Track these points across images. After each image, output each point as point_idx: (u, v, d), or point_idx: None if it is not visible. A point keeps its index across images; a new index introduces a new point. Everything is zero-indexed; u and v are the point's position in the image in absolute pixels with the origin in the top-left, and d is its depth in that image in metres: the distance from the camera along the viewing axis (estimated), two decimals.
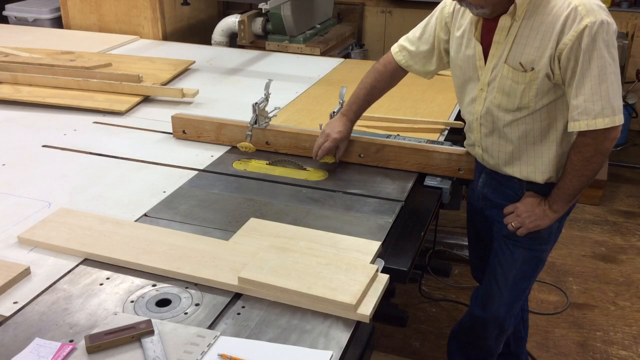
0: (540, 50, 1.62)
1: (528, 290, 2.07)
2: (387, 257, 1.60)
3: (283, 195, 1.93)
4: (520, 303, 2.04)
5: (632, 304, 3.01)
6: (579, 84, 1.59)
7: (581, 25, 1.54)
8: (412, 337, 2.77)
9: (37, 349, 1.25)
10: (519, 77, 1.67)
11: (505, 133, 1.78)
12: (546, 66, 1.62)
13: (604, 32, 1.55)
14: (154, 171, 2.10)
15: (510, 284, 1.98)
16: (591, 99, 1.58)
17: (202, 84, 2.95)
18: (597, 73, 1.56)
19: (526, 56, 1.65)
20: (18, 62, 2.97)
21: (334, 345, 1.29)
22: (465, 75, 1.84)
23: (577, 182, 1.71)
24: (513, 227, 1.84)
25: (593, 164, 1.67)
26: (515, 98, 1.70)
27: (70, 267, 1.54)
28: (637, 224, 3.70)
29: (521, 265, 1.94)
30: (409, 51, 2.00)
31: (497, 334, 2.07)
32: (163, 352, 1.24)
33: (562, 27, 1.57)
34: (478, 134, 1.86)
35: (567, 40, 1.56)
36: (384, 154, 2.09)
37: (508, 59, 1.68)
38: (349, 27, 4.60)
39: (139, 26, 3.91)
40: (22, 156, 2.21)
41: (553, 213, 1.79)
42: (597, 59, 1.55)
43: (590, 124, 1.59)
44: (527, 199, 1.82)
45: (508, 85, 1.70)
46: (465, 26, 1.79)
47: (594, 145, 1.64)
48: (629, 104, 4.29)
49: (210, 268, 1.49)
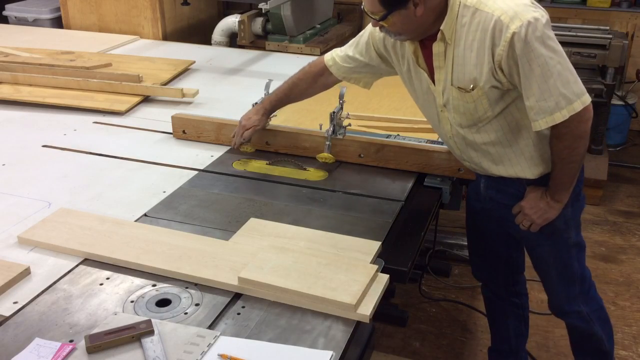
0: (479, 67, 1.61)
1: (580, 275, 2.00)
2: (387, 257, 1.60)
3: (283, 195, 1.93)
4: (577, 288, 2.00)
5: (632, 304, 3.01)
6: (526, 87, 1.58)
7: (508, 34, 1.53)
8: (412, 337, 2.77)
9: (37, 349, 1.25)
10: (466, 96, 1.67)
11: (479, 145, 1.78)
12: (489, 79, 1.62)
13: (534, 31, 1.52)
14: (154, 171, 2.10)
15: (555, 280, 1.99)
16: (542, 97, 1.57)
17: (202, 84, 2.95)
18: (540, 72, 1.55)
19: (468, 75, 1.64)
20: (18, 62, 2.97)
21: (334, 345, 1.29)
22: (421, 99, 1.85)
23: (567, 169, 1.71)
24: (524, 226, 1.84)
25: (576, 148, 1.67)
26: (471, 115, 1.71)
27: (70, 267, 1.54)
28: (637, 224, 3.70)
29: (555, 261, 1.94)
30: (341, 66, 1.98)
31: (584, 326, 2.06)
32: (163, 352, 1.24)
33: (492, 39, 1.57)
34: (457, 150, 1.86)
35: (500, 51, 1.56)
36: (384, 154, 2.09)
37: (453, 81, 1.68)
38: (349, 27, 4.60)
39: (139, 26, 3.91)
40: (22, 156, 2.21)
41: (557, 203, 1.78)
42: (536, 59, 1.54)
43: (549, 120, 1.59)
44: (529, 194, 1.81)
45: (462, 106, 1.70)
46: (408, 58, 1.79)
47: (570, 132, 1.63)
48: (629, 104, 4.29)
49: (210, 268, 1.49)
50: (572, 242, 1.93)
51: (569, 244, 1.92)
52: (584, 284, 2.01)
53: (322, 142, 2.10)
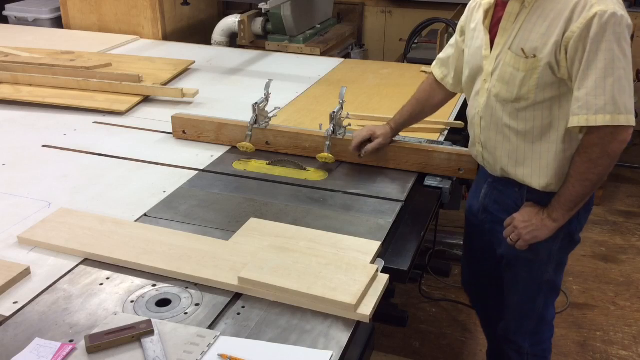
0: (545, 37, 1.55)
1: (539, 314, 1.94)
2: (387, 257, 1.60)
3: (283, 195, 1.93)
4: (531, 324, 1.95)
5: (632, 304, 3.01)
6: (583, 76, 1.50)
7: (591, 12, 1.46)
8: (412, 337, 2.77)
9: (37, 349, 1.25)
10: (520, 63, 1.60)
11: (503, 128, 1.71)
12: (550, 54, 1.55)
13: (615, 24, 1.46)
14: (154, 171, 2.10)
15: (515, 305, 1.95)
16: (594, 92, 1.49)
17: (202, 84, 2.95)
18: (603, 66, 1.47)
19: (530, 43, 1.58)
20: (18, 62, 2.97)
21: (334, 345, 1.29)
22: (472, 70, 1.79)
23: (580, 187, 1.61)
24: (511, 240, 1.75)
25: (599, 167, 1.56)
26: (515, 87, 1.63)
27: (70, 267, 1.54)
28: (637, 224, 3.70)
29: (523, 288, 1.89)
30: (441, 59, 2.01)
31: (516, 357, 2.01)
32: (163, 352, 1.24)
33: (571, 14, 1.50)
34: (478, 128, 1.79)
35: (575, 29, 1.49)
36: (384, 154, 2.09)
37: (512, 45, 1.62)
38: (349, 27, 4.60)
39: (139, 26, 3.91)
40: (22, 156, 2.21)
41: (552, 222, 1.68)
42: (605, 51, 1.47)
43: (590, 119, 1.50)
44: (525, 208, 1.74)
45: (509, 73, 1.63)
46: (478, 19, 1.75)
47: (601, 146, 1.53)
48: None
49: (210, 268, 1.49)
50: (546, 279, 1.85)
51: (542, 278, 1.85)
52: (540, 324, 1.95)
53: (322, 142, 2.10)
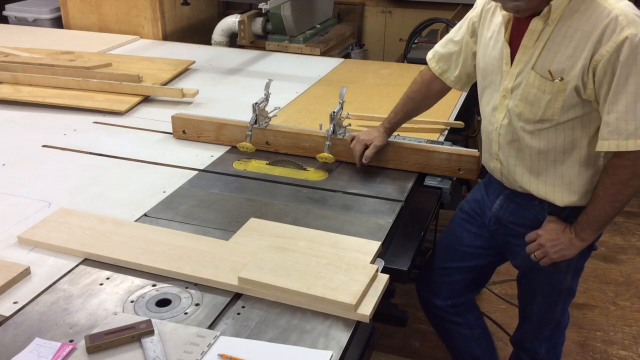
0: (572, 60, 1.50)
1: (557, 320, 1.95)
2: (387, 257, 1.60)
3: (283, 195, 1.93)
4: (548, 330, 1.95)
5: (632, 304, 3.01)
6: (613, 100, 1.46)
7: (621, 36, 1.42)
8: (412, 337, 2.77)
9: (37, 349, 1.25)
10: (546, 86, 1.55)
11: (524, 146, 1.67)
12: (577, 77, 1.50)
13: None
14: (154, 171, 2.10)
15: (534, 315, 1.95)
16: (624, 117, 1.45)
17: (202, 84, 2.95)
18: (634, 90, 1.43)
19: (556, 64, 1.53)
20: (18, 62, 2.97)
21: (334, 345, 1.29)
22: (486, 79, 1.74)
23: (609, 208, 1.57)
24: (536, 257, 1.71)
25: (629, 188, 1.53)
26: (539, 109, 1.58)
27: (70, 267, 1.54)
28: (637, 224, 3.70)
29: (542, 297, 1.88)
30: (441, 54, 1.93)
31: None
32: (163, 352, 1.24)
33: (600, 36, 1.45)
34: (496, 144, 1.74)
35: (604, 52, 1.44)
36: (384, 154, 2.09)
37: (536, 65, 1.57)
38: (349, 27, 4.60)
39: (139, 26, 3.91)
40: (22, 156, 2.21)
41: (581, 242, 1.65)
42: (636, 75, 1.43)
43: (621, 144, 1.47)
44: (550, 224, 1.69)
45: (533, 94, 1.58)
46: (495, 27, 1.69)
47: (632, 168, 1.50)
48: None
49: (210, 268, 1.49)
50: (565, 286, 1.85)
51: (561, 286, 1.84)
52: (556, 330, 1.95)
53: (322, 142, 2.10)
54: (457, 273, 2.04)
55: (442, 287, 2.07)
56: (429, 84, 1.98)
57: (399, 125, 2.07)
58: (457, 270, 2.03)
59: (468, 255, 1.99)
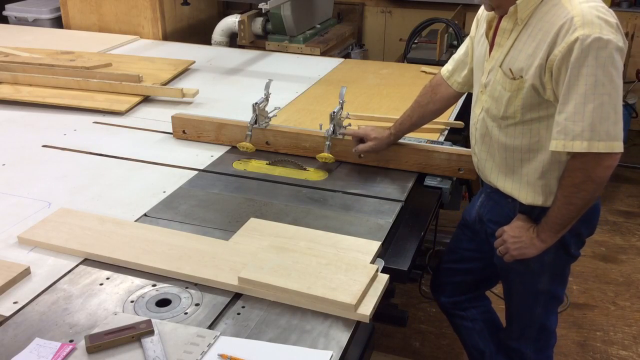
0: (531, 59, 1.54)
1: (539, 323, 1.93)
2: (387, 257, 1.60)
3: (283, 195, 1.93)
4: (532, 332, 1.94)
5: (632, 304, 3.01)
6: (564, 100, 1.47)
7: (573, 37, 1.44)
8: (412, 337, 2.77)
9: (37, 349, 1.25)
10: (506, 83, 1.60)
11: (494, 142, 1.71)
12: (534, 76, 1.53)
13: (599, 48, 1.42)
14: (154, 171, 2.10)
15: (514, 314, 1.96)
16: (573, 118, 1.46)
17: (202, 84, 2.95)
18: (583, 91, 1.44)
19: (518, 63, 1.57)
20: (18, 62, 2.97)
21: (334, 345, 1.29)
22: (475, 75, 1.80)
23: (565, 210, 1.58)
24: (500, 252, 1.74)
25: (583, 191, 1.53)
26: (502, 105, 1.63)
27: (70, 267, 1.54)
28: (637, 224, 3.70)
29: (519, 298, 1.89)
30: (454, 59, 1.97)
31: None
32: (163, 352, 1.24)
33: (556, 37, 1.48)
34: (474, 139, 1.80)
35: (557, 52, 1.47)
36: (384, 154, 2.09)
37: (503, 63, 1.61)
38: (349, 27, 4.60)
39: (139, 26, 3.91)
40: (22, 156, 2.21)
41: (541, 242, 1.66)
42: (587, 76, 1.43)
43: (567, 145, 1.48)
44: (517, 222, 1.71)
45: (498, 91, 1.63)
46: (485, 25, 1.74)
47: (584, 171, 1.51)
48: (629, 104, 4.29)
49: (210, 268, 1.49)
50: (542, 288, 1.83)
51: (537, 288, 1.83)
52: (542, 332, 1.93)
53: (322, 142, 2.10)
54: (458, 274, 2.12)
55: (446, 286, 2.17)
56: (435, 87, 2.02)
57: (405, 132, 2.07)
58: (457, 271, 2.11)
59: (465, 258, 2.06)
